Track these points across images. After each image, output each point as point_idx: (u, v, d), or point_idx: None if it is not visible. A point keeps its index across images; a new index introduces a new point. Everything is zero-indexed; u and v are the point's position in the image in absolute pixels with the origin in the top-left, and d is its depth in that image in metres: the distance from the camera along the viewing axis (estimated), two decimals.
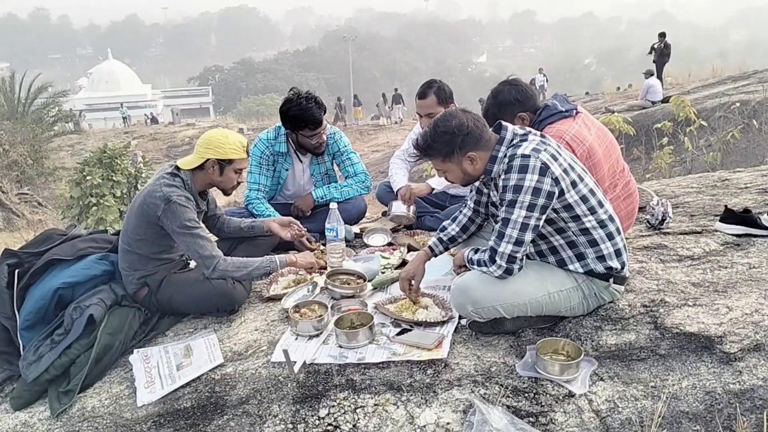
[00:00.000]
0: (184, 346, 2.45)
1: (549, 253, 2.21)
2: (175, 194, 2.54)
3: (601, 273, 2.15)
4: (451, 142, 2.13)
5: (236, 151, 2.65)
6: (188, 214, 2.56)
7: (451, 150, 2.14)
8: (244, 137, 2.76)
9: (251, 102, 45.08)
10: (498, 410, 1.79)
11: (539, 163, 2.02)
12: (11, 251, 2.69)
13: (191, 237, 2.56)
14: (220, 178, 2.70)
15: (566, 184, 2.05)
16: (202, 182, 2.72)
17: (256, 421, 1.96)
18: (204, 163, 2.65)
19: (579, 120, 2.66)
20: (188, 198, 2.60)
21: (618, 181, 2.73)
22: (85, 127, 28.81)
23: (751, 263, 2.52)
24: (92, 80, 62.81)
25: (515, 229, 2.04)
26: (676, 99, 8.44)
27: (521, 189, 2.02)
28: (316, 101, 3.28)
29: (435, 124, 2.17)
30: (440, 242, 2.49)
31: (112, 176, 9.06)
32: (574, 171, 2.10)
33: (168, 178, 2.62)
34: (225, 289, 2.65)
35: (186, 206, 2.56)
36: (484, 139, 2.15)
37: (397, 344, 2.22)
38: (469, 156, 2.15)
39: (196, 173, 2.69)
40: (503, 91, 2.67)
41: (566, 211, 2.09)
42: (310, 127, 3.28)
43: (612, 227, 2.14)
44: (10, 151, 14.60)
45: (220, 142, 2.64)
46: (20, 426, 2.22)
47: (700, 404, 1.78)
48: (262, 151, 3.47)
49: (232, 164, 2.67)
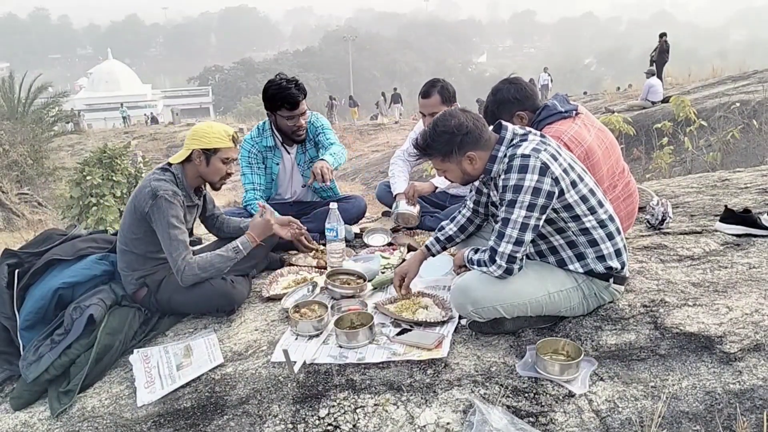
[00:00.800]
0: (184, 346, 2.45)
1: (549, 253, 2.21)
2: (162, 189, 2.53)
3: (601, 273, 2.15)
4: (451, 141, 2.13)
5: (220, 139, 2.63)
6: (173, 211, 2.54)
7: (450, 149, 2.15)
8: (232, 128, 2.74)
9: (251, 102, 45.05)
10: (498, 410, 1.78)
11: (539, 162, 2.02)
12: (11, 251, 2.68)
13: (170, 236, 2.53)
14: (206, 169, 2.67)
15: (566, 184, 2.05)
16: (192, 175, 2.71)
17: (256, 421, 1.96)
18: (190, 154, 2.65)
19: (579, 121, 2.66)
20: (176, 193, 2.58)
21: (618, 181, 2.73)
22: (84, 127, 28.82)
23: (751, 263, 2.52)
24: (92, 80, 62.83)
25: (515, 229, 2.04)
26: (676, 99, 8.44)
27: (521, 189, 2.02)
28: (297, 84, 3.30)
29: (434, 123, 2.17)
30: (437, 242, 2.49)
31: (112, 176, 9.07)
32: (573, 171, 2.10)
33: (158, 173, 2.64)
34: (225, 289, 2.64)
35: (172, 202, 2.54)
36: (484, 138, 2.16)
37: (397, 344, 2.22)
38: (469, 156, 2.15)
39: (186, 167, 2.69)
40: (503, 89, 2.67)
41: (566, 211, 2.09)
42: (286, 106, 3.28)
43: (612, 227, 2.14)
44: (10, 151, 14.59)
45: (204, 132, 2.64)
46: (20, 426, 2.22)
47: (700, 404, 1.78)
48: (249, 150, 3.48)
49: (217, 153, 2.64)
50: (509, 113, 2.64)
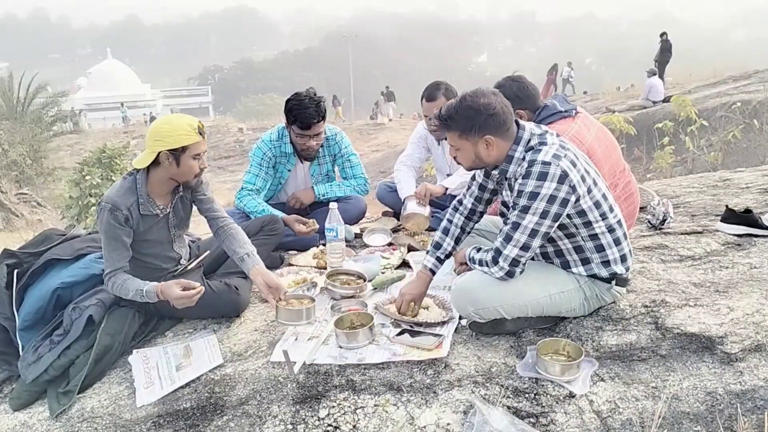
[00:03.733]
0: (183, 347, 2.44)
1: (555, 255, 2.20)
2: (106, 199, 2.42)
3: (605, 277, 2.14)
4: (473, 118, 2.04)
5: (187, 135, 2.38)
6: (107, 226, 2.40)
7: (470, 126, 2.05)
8: (195, 118, 2.49)
9: (251, 102, 45.13)
10: (498, 411, 1.78)
11: (559, 171, 1.97)
12: (10, 251, 2.68)
13: (104, 247, 2.45)
14: (178, 170, 2.43)
15: (583, 191, 2.02)
16: (160, 179, 2.49)
17: (256, 421, 1.95)
18: (157, 157, 2.41)
19: (578, 120, 2.66)
20: (116, 207, 2.39)
21: (618, 181, 2.73)
22: (84, 127, 28.80)
23: (752, 263, 2.51)
24: (91, 80, 62.77)
25: (524, 234, 2.02)
26: (677, 99, 8.45)
27: (537, 196, 1.98)
28: (317, 106, 3.20)
29: (463, 97, 2.08)
30: (439, 261, 2.40)
31: (111, 176, 9.06)
32: (589, 176, 2.07)
33: (121, 181, 2.51)
34: (230, 297, 2.63)
35: (109, 218, 2.39)
36: (507, 127, 2.08)
37: (397, 344, 2.21)
38: (486, 139, 2.06)
39: (151, 172, 2.47)
40: (506, 85, 2.66)
41: (579, 216, 2.07)
42: (298, 125, 3.25)
43: (620, 232, 2.13)
44: (9, 151, 14.60)
45: (167, 131, 2.39)
46: (19, 426, 2.22)
47: (701, 405, 1.78)
48: (264, 153, 3.43)
49: (186, 151, 2.40)
50: None
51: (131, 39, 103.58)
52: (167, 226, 2.62)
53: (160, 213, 2.57)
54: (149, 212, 2.51)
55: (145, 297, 2.42)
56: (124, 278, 2.44)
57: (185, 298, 2.40)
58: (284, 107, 3.31)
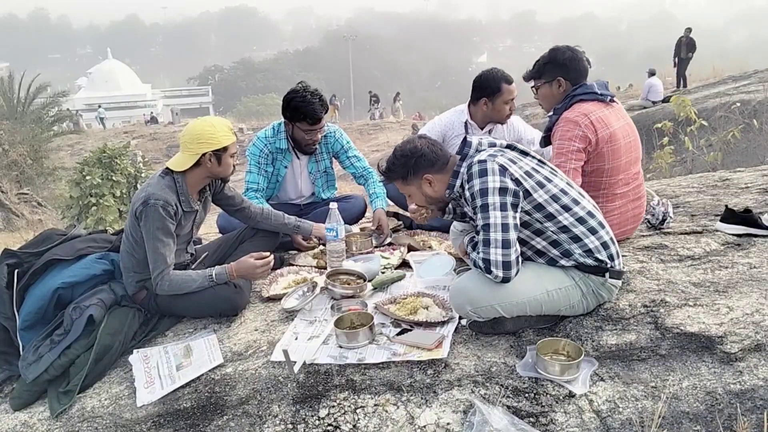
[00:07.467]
0: (183, 347, 2.44)
1: (537, 256, 2.22)
2: (155, 197, 2.49)
3: (593, 266, 2.15)
4: (406, 164, 2.27)
5: (227, 136, 2.61)
6: (160, 223, 2.49)
7: (406, 172, 2.28)
8: (225, 119, 2.74)
9: (251, 102, 45.12)
10: (498, 410, 1.78)
11: (496, 165, 2.09)
12: (11, 251, 2.68)
13: (153, 248, 2.51)
14: (219, 168, 2.64)
15: (530, 185, 2.10)
16: (199, 180, 2.67)
17: (256, 421, 1.95)
18: (200, 159, 2.58)
19: (611, 108, 2.71)
20: (167, 203, 2.51)
21: (631, 180, 2.75)
22: (83, 127, 28.79)
23: (751, 263, 2.51)
24: (92, 80, 62.70)
25: (497, 231, 2.06)
26: (676, 99, 8.42)
27: (487, 191, 2.06)
28: (320, 98, 3.28)
29: (394, 150, 2.33)
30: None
31: (111, 176, 9.08)
32: (538, 173, 2.15)
33: (158, 178, 2.60)
34: (228, 295, 2.64)
35: (161, 212, 2.49)
36: (440, 161, 2.27)
37: (397, 344, 2.21)
38: (426, 178, 2.27)
39: (189, 173, 2.62)
40: (560, 50, 2.75)
41: (538, 211, 2.11)
42: (308, 121, 3.26)
43: (593, 222, 2.16)
44: (10, 151, 14.59)
45: (211, 133, 2.56)
46: (20, 426, 2.22)
47: (700, 404, 1.78)
48: (261, 150, 3.45)
49: (227, 151, 2.62)
50: (552, 75, 2.72)
51: (131, 39, 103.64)
52: (192, 224, 2.76)
53: (197, 210, 2.74)
54: (190, 209, 2.67)
55: (215, 280, 2.60)
56: (178, 272, 2.58)
57: (266, 266, 2.67)
58: (285, 106, 3.32)
